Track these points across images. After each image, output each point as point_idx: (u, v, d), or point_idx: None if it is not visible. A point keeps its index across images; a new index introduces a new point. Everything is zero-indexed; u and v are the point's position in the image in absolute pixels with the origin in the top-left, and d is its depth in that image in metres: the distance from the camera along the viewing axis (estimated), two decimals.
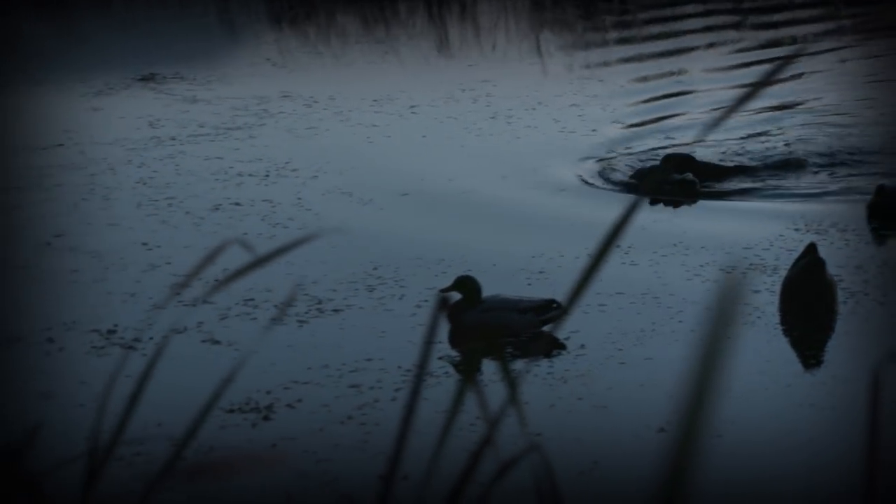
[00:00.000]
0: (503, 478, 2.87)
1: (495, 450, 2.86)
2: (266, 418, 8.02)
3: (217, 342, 9.15)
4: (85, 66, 18.31)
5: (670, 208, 12.51)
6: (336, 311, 9.74)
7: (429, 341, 2.89)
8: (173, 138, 14.70)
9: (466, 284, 9.56)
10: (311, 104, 16.28)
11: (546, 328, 9.37)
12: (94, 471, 3.04)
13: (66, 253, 11.05)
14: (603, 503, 7.10)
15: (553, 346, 9.00)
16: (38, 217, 11.99)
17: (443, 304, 2.89)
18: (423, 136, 14.99)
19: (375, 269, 10.58)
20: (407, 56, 20.08)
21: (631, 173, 13.58)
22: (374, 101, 16.45)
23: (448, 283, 9.83)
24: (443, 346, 9.07)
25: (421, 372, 2.92)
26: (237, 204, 12.40)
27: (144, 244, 11.24)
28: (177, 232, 11.57)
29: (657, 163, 13.75)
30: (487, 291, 9.59)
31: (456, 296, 9.57)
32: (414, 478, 4.24)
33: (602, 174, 13.69)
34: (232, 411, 8.06)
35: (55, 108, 16.11)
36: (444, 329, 9.36)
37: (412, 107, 16.20)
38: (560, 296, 9.63)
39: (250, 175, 13.37)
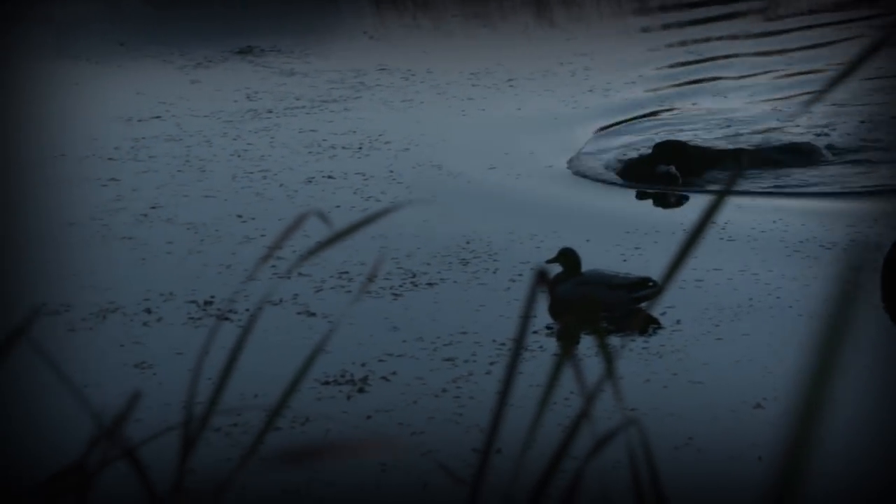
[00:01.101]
0: (599, 452, 2.85)
1: (591, 424, 2.84)
2: (361, 390, 8.04)
3: (312, 314, 9.19)
4: (184, 40, 18.44)
5: (661, 199, 12.17)
6: (430, 284, 9.75)
7: (526, 315, 2.87)
8: (269, 111, 14.77)
9: (567, 256, 9.58)
10: (408, 77, 16.28)
11: (642, 305, 9.31)
12: (189, 441, 3.06)
13: (163, 224, 11.14)
14: (698, 478, 7.05)
15: (648, 323, 8.95)
16: (135, 188, 12.09)
17: (542, 277, 2.87)
18: (518, 109, 14.94)
19: (468, 243, 10.57)
20: (505, 29, 20.01)
21: (620, 163, 12.94)
22: (472, 74, 16.41)
23: (543, 257, 9.81)
24: (538, 320, 9.03)
25: (518, 345, 2.90)
26: (330, 177, 12.43)
27: (239, 216, 11.31)
28: (271, 204, 11.62)
29: (648, 151, 12.93)
30: (585, 267, 9.56)
31: (556, 268, 9.57)
32: (509, 451, 4.22)
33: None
34: (327, 383, 8.09)
35: (154, 81, 16.24)
36: (542, 302, 9.33)
37: (509, 80, 16.15)
38: (655, 271, 9.57)
39: (343, 148, 13.39)
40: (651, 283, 9.35)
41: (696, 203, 11.88)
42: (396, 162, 12.88)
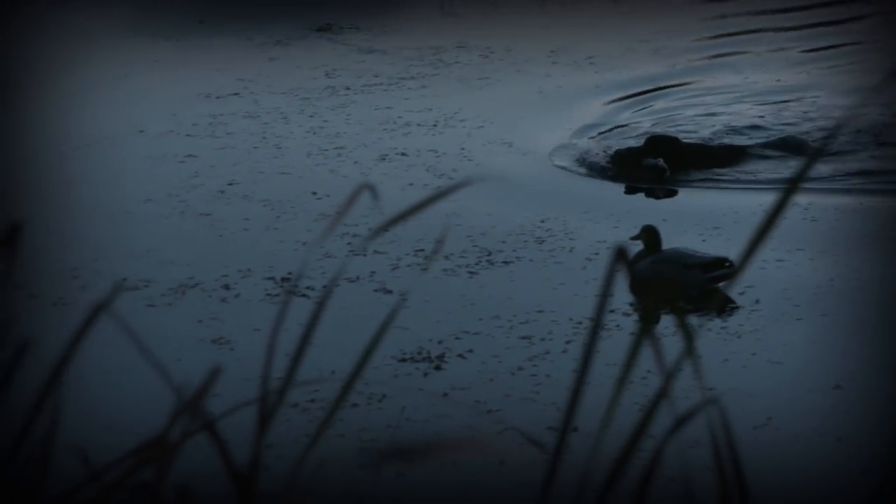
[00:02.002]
0: (678, 431, 2.83)
1: (670, 403, 2.82)
2: (437, 368, 8.05)
3: (389, 291, 9.20)
4: (263, 17, 18.49)
5: (651, 194, 11.70)
6: (506, 262, 9.73)
7: (605, 293, 2.86)
8: (347, 88, 14.78)
9: (649, 233, 9.56)
10: (487, 55, 16.22)
11: (719, 285, 9.26)
12: (266, 416, 3.07)
13: (239, 201, 11.18)
14: (777, 458, 7.00)
15: (726, 302, 8.89)
16: (213, 165, 12.15)
17: (621, 254, 2.85)
18: (596, 87, 14.86)
19: (543, 221, 10.53)
20: (586, 7, 19.91)
21: (609, 155, 12.38)
22: (551, 52, 16.33)
23: (619, 237, 9.78)
24: (616, 298, 9.00)
25: (597, 323, 2.89)
26: (403, 154, 12.43)
27: (314, 193, 11.33)
28: (345, 182, 11.63)
29: (638, 144, 12.42)
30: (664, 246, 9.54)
31: (637, 246, 9.55)
32: (586, 429, 4.21)
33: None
34: (404, 360, 8.11)
35: (233, 58, 16.31)
36: (620, 280, 9.30)
37: (589, 58, 16.05)
38: (734, 251, 9.50)
39: (419, 125, 13.38)
40: (727, 264, 9.29)
41: (693, 196, 11.61)
42: (470, 140, 12.85)
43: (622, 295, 9.04)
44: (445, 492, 6.85)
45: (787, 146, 12.64)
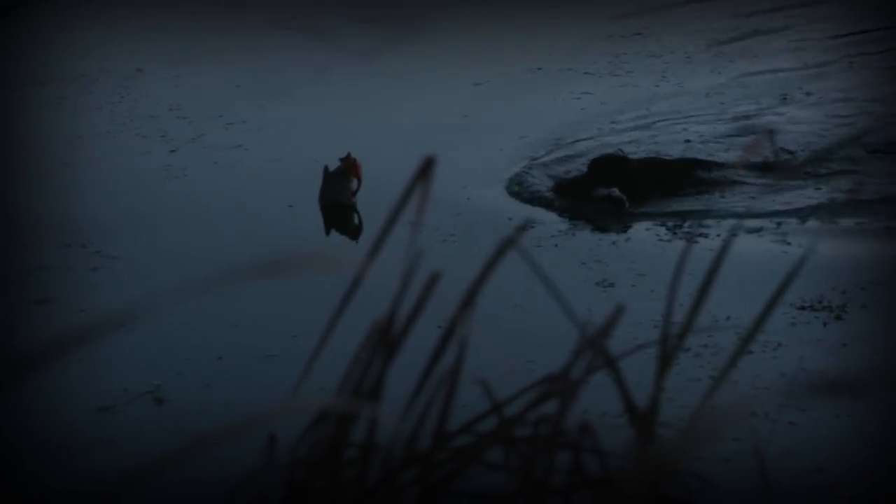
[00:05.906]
0: None
1: None
2: (838, 318, 7.86)
3: (788, 243, 9.03)
4: None
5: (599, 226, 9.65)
6: None
7: None
8: (755, 30, 14.46)
9: None
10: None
11: None
12: (665, 358, 3.07)
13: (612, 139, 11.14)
14: None
15: None
16: (604, 102, 12.09)
17: None
18: None
19: None
20: None
21: (551, 184, 10.15)
22: None
23: None
24: None
25: None
26: (808, 94, 12.09)
27: (688, 141, 11.16)
28: (723, 127, 11.41)
29: (584, 170, 10.21)
30: None
31: None
32: None
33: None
34: (803, 308, 7.94)
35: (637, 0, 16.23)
36: None
37: None
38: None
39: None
40: None
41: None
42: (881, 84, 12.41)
43: None
44: (838, 442, 6.70)
45: (769, 166, 10.38)
